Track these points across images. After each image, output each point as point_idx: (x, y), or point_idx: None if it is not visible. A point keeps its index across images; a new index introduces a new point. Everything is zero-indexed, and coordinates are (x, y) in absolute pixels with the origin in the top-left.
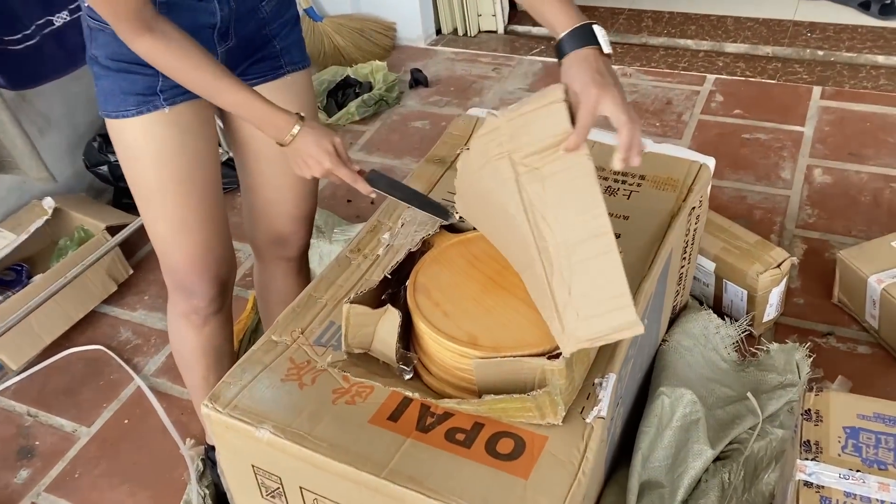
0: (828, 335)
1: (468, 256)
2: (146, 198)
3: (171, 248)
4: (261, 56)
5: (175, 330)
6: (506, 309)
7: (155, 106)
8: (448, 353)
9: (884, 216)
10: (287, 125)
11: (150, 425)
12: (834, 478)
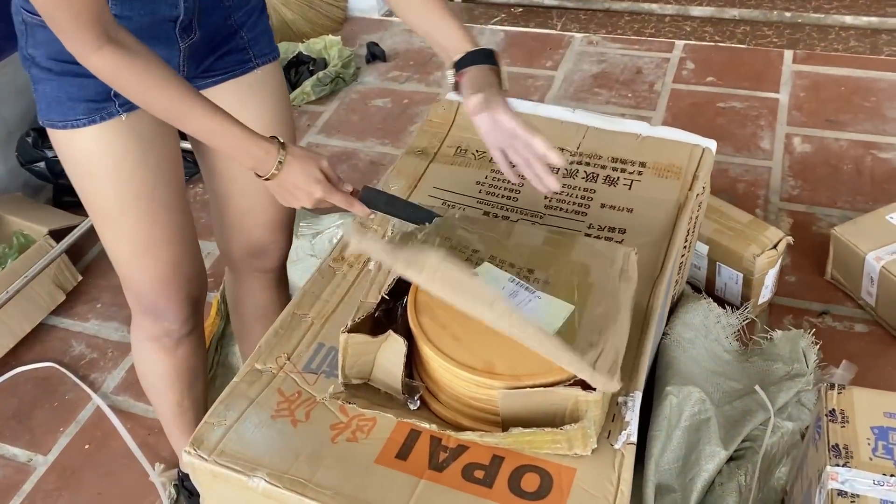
0: (823, 314)
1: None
2: (105, 217)
3: (135, 269)
4: (227, 49)
5: (143, 355)
6: None
7: (109, 113)
8: (462, 382)
9: (867, 186)
10: (268, 156)
11: (114, 449)
12: (868, 485)
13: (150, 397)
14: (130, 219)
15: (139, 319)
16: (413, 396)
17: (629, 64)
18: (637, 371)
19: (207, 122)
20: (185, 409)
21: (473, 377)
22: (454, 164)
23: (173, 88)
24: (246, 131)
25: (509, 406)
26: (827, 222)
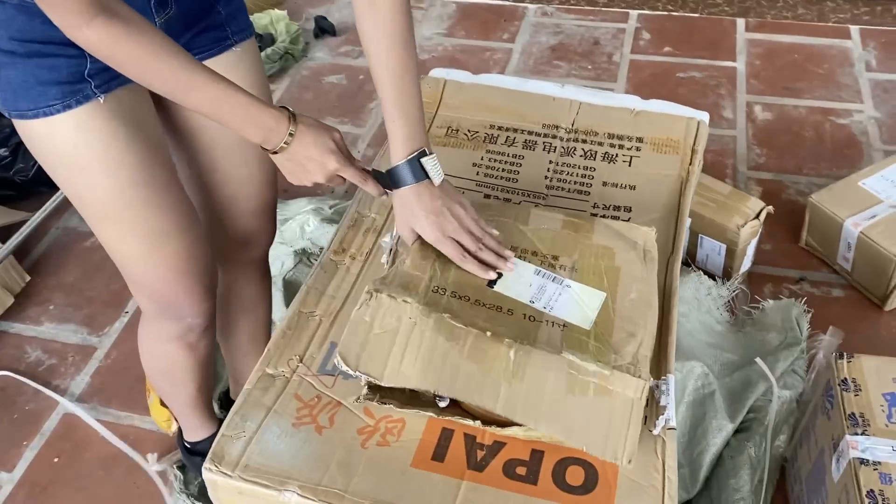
0: (801, 281)
1: None
2: (104, 213)
3: (149, 266)
4: (204, 26)
5: (160, 353)
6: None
7: (86, 96)
8: None
9: (829, 152)
10: (279, 126)
11: (88, 460)
12: (888, 451)
13: (164, 386)
14: (133, 210)
15: (156, 322)
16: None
17: (586, 35)
18: (667, 354)
19: (212, 92)
20: (202, 391)
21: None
22: (447, 145)
23: (175, 58)
24: (254, 99)
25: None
26: (795, 189)
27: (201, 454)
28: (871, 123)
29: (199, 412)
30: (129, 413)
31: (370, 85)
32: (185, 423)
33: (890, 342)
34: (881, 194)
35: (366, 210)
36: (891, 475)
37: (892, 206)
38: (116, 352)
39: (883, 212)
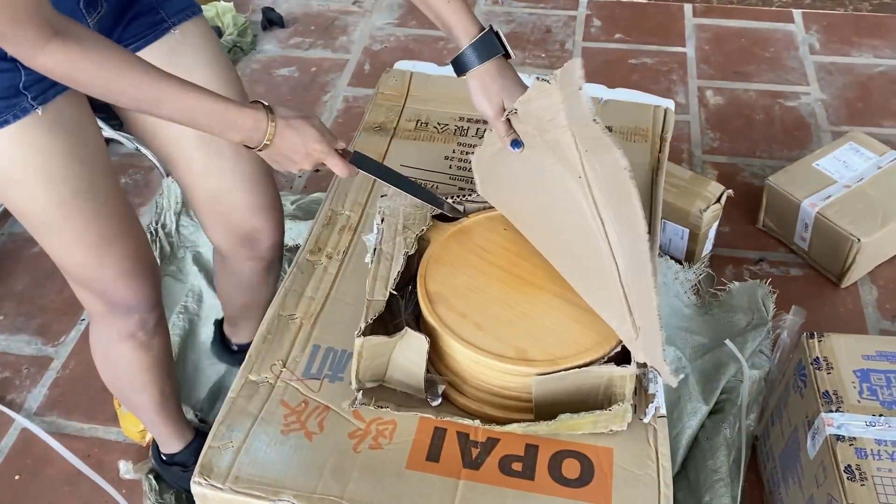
0: (760, 261)
1: (474, 249)
2: (46, 225)
3: (95, 270)
4: (133, 14)
5: (117, 357)
6: (544, 309)
7: (23, 109)
8: (494, 373)
9: (780, 134)
10: (258, 125)
11: (52, 477)
12: (861, 426)
13: (127, 395)
14: (76, 220)
15: (107, 321)
16: (436, 393)
17: (538, 23)
18: None
19: (183, 102)
20: (167, 396)
21: (508, 366)
22: (417, 138)
23: (138, 73)
24: (227, 103)
25: (543, 391)
26: (749, 172)
27: (179, 465)
28: (818, 105)
29: (170, 422)
30: (92, 424)
31: (322, 77)
32: (158, 435)
33: (847, 318)
34: (835, 175)
35: (339, 207)
36: (866, 450)
37: (845, 187)
38: (74, 361)
39: (837, 192)
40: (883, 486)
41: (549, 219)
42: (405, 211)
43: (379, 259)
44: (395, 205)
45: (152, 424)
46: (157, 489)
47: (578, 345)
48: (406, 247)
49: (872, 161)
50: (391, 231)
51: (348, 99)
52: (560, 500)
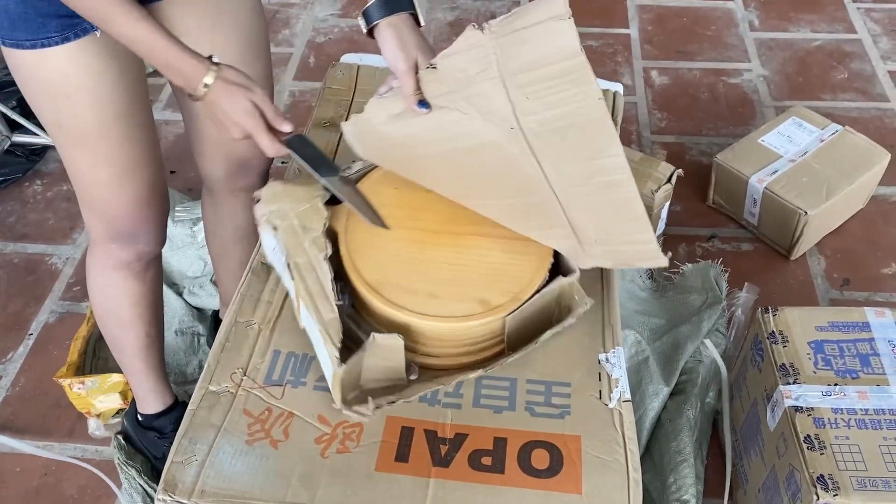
0: (712, 238)
1: (391, 222)
2: (82, 140)
3: (114, 193)
4: None
5: (109, 284)
6: (476, 253)
7: (83, 29)
8: (466, 332)
9: (725, 111)
10: (195, 75)
11: (8, 498)
12: (818, 397)
13: (114, 333)
14: (111, 141)
15: (106, 247)
16: (414, 370)
17: (482, 9)
18: (613, 327)
19: (130, 30)
20: (152, 340)
21: (481, 321)
22: None
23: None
24: (174, 45)
25: (513, 326)
26: (697, 150)
27: (156, 430)
28: (760, 81)
29: (151, 374)
30: (47, 442)
31: None
32: (137, 389)
33: (798, 289)
34: (780, 150)
35: None
36: (824, 419)
37: (791, 161)
38: (25, 378)
39: (783, 167)
40: (841, 453)
41: (466, 171)
42: (294, 210)
43: (300, 274)
44: (279, 208)
45: (133, 373)
46: (125, 449)
47: (526, 273)
48: (322, 249)
49: (815, 135)
50: (293, 238)
51: (294, 94)
52: (531, 491)
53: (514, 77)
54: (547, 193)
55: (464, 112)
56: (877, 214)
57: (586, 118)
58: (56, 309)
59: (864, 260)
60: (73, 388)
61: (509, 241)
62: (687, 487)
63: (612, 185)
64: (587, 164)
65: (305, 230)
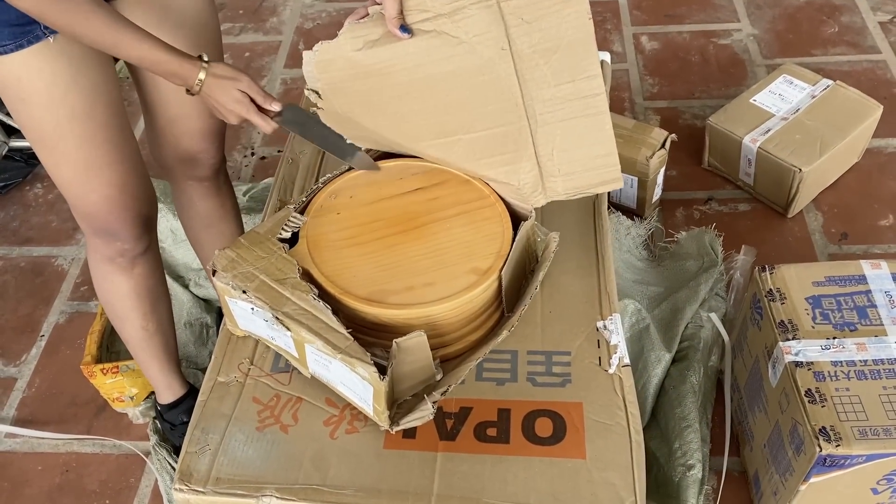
0: (709, 201)
1: (338, 241)
2: (42, 141)
3: (80, 191)
4: None
5: (101, 276)
6: (450, 234)
7: (36, 36)
8: (472, 303)
9: (716, 72)
10: (191, 75)
11: (31, 496)
12: (817, 351)
13: (115, 324)
14: (68, 142)
15: (92, 241)
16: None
17: None
18: (609, 294)
19: (136, 50)
20: (150, 334)
21: (483, 287)
22: None
23: (100, 20)
24: (172, 54)
25: (507, 283)
26: (690, 113)
27: (168, 422)
28: (751, 41)
29: (154, 364)
30: (67, 439)
31: (257, 61)
32: (150, 378)
33: (797, 246)
34: (772, 108)
35: (287, 196)
36: (824, 372)
37: (783, 119)
38: (40, 378)
39: (776, 125)
40: (842, 405)
41: (442, 99)
42: (257, 267)
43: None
44: (240, 272)
45: (139, 362)
46: (159, 430)
47: (495, 233)
48: (307, 291)
49: (807, 91)
50: (270, 292)
51: (286, 81)
52: (536, 459)
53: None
54: (521, 121)
55: (452, 35)
56: (872, 167)
57: (574, 38)
58: (65, 309)
59: (861, 213)
60: (104, 374)
61: (466, 214)
62: (692, 452)
63: (586, 105)
64: (566, 87)
65: (280, 282)
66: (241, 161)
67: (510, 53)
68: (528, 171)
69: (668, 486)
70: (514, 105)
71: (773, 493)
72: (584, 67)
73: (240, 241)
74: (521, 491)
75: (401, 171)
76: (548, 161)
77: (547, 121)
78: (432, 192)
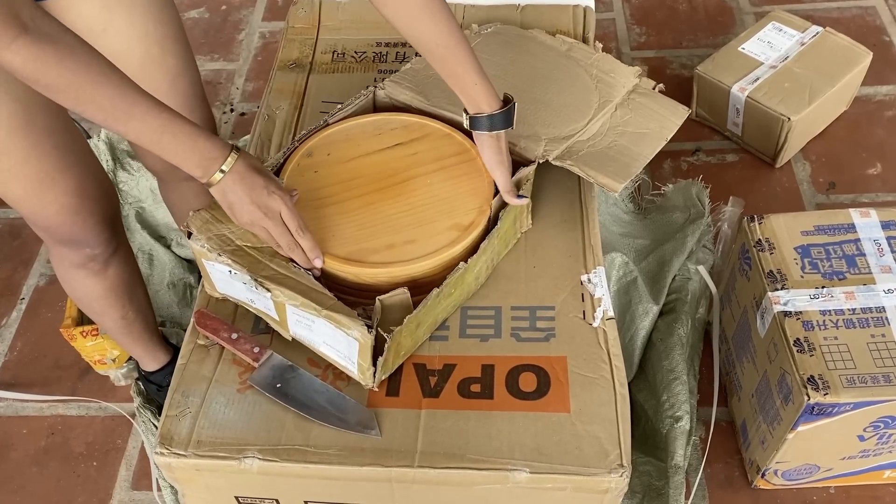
0: (697, 152)
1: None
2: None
3: (36, 206)
4: None
5: (71, 281)
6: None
7: None
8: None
9: (704, 20)
10: (219, 158)
11: (17, 460)
12: (806, 300)
13: (92, 318)
14: (12, 157)
15: (58, 250)
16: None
17: None
18: (593, 247)
19: (154, 121)
20: (130, 321)
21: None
22: (335, 70)
23: (113, 84)
24: (195, 128)
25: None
26: (678, 63)
27: (155, 384)
28: None
29: (137, 344)
30: (51, 402)
31: (235, 14)
32: (133, 354)
33: (784, 196)
34: (760, 56)
35: (264, 155)
36: (812, 321)
37: (772, 67)
38: (21, 342)
39: (765, 73)
40: (830, 353)
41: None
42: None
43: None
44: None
45: (122, 346)
46: (143, 392)
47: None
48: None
49: (796, 38)
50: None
51: (265, 35)
52: (520, 413)
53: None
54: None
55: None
56: (861, 115)
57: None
58: (45, 272)
59: (849, 162)
60: (84, 337)
61: (446, 169)
62: (680, 404)
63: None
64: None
65: (258, 250)
66: (221, 118)
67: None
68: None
69: (656, 437)
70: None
71: (761, 441)
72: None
73: (214, 206)
74: (506, 446)
75: (379, 126)
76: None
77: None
78: (412, 148)
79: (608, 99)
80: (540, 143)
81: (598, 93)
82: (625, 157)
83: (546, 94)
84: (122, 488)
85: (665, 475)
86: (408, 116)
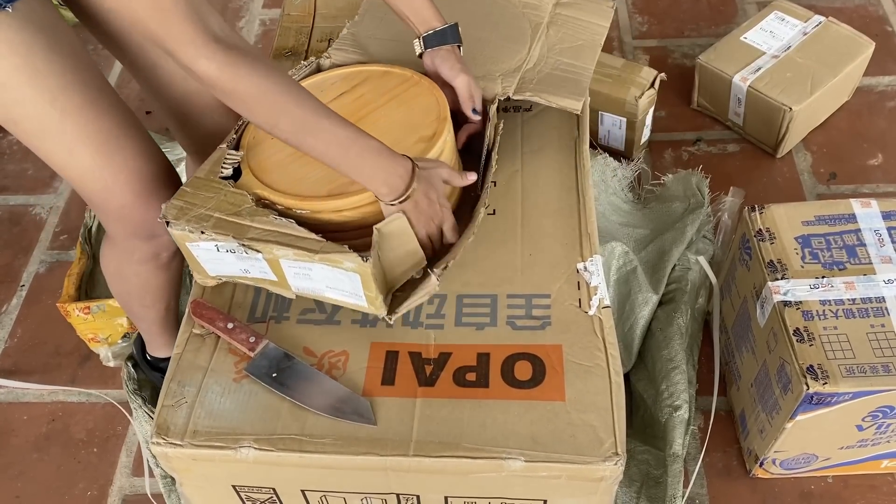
0: (697, 142)
1: (287, 148)
2: (42, 129)
3: (107, 175)
4: None
5: (133, 276)
6: (385, 118)
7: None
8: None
9: (706, 10)
10: (405, 174)
11: (17, 446)
12: (806, 290)
13: (134, 309)
14: (73, 116)
15: (127, 244)
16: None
17: None
18: (590, 235)
19: (342, 133)
20: (170, 311)
21: (439, 146)
22: None
23: (304, 98)
24: (380, 144)
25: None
26: (680, 52)
27: (162, 372)
28: None
29: (166, 332)
30: (52, 389)
31: (235, 1)
32: (151, 339)
33: (785, 186)
34: (762, 46)
35: None
36: (812, 311)
37: (774, 57)
38: (22, 329)
39: (767, 63)
40: (830, 343)
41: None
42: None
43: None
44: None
45: (148, 332)
46: (135, 377)
47: (432, 105)
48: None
49: (798, 28)
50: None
51: (265, 22)
52: (515, 402)
53: None
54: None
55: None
56: (862, 106)
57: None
58: (45, 259)
59: (850, 153)
60: (77, 314)
61: (396, 98)
62: (679, 393)
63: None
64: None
65: (236, 214)
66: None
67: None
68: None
69: (655, 426)
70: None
71: (760, 431)
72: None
73: (184, 190)
74: (501, 435)
75: (319, 85)
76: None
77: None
78: (356, 92)
79: (538, 21)
80: (496, 80)
81: (528, 18)
82: (571, 74)
83: (483, 31)
84: (122, 474)
85: (664, 464)
86: (343, 69)
